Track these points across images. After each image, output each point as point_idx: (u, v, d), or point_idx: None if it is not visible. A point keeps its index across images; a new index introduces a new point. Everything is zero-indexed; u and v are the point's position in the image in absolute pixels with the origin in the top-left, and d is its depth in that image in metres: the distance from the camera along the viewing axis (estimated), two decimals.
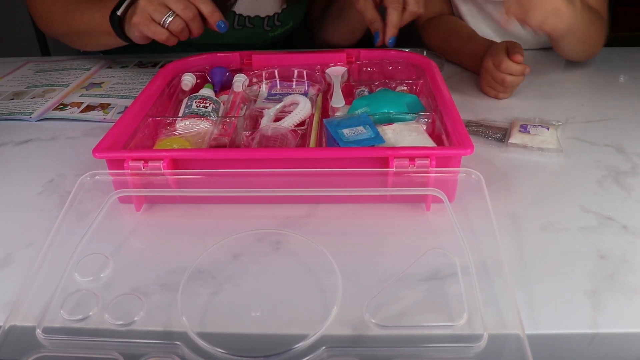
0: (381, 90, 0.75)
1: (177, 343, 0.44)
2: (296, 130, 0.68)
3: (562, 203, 0.61)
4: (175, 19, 0.76)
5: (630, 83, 0.92)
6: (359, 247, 0.55)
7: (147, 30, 0.77)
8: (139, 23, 0.77)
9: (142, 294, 0.49)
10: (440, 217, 0.58)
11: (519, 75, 0.81)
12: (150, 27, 0.77)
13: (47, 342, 0.45)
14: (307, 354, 0.43)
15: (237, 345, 0.45)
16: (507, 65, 0.80)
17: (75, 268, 0.51)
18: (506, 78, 0.81)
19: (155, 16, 0.76)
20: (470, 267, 0.49)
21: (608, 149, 0.71)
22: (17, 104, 0.88)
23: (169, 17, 0.76)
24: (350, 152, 0.60)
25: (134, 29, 0.79)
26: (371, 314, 0.46)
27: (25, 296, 0.49)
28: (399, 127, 0.65)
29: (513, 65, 0.80)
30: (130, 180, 0.58)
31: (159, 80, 0.77)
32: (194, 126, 0.69)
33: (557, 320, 0.46)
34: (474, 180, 0.57)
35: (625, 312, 0.47)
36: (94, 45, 0.95)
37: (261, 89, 0.81)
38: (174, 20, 0.76)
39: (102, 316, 0.47)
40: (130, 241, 0.57)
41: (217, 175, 0.58)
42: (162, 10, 0.76)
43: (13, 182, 0.68)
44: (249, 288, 0.50)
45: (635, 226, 0.57)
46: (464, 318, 0.45)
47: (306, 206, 0.60)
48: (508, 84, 0.82)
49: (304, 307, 0.48)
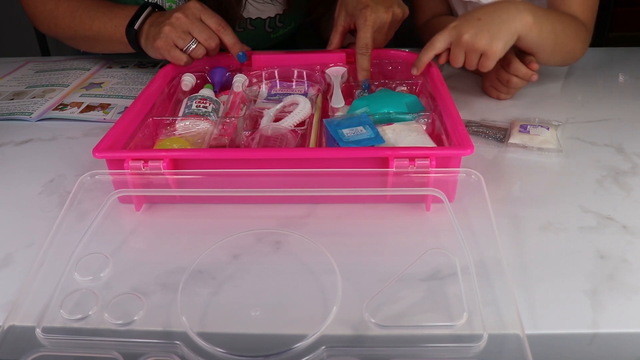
0: (381, 91, 0.75)
1: (176, 343, 0.44)
2: (296, 131, 0.68)
3: (562, 203, 0.61)
4: (198, 46, 0.77)
5: (630, 83, 0.92)
6: (358, 247, 0.55)
7: (169, 55, 0.78)
8: (161, 47, 0.77)
9: (142, 294, 0.49)
10: (440, 217, 0.58)
11: (525, 78, 0.81)
12: (172, 52, 0.77)
13: (47, 342, 0.45)
14: (307, 354, 0.43)
15: (237, 345, 0.45)
16: (516, 67, 0.80)
17: (75, 268, 0.51)
18: (512, 79, 0.81)
19: (179, 43, 0.77)
20: (470, 267, 0.49)
21: (608, 149, 0.71)
22: (17, 104, 0.88)
23: (192, 45, 0.77)
24: (350, 152, 0.60)
25: (154, 52, 0.79)
26: (371, 313, 0.46)
27: (24, 296, 0.49)
28: (398, 127, 0.65)
29: (522, 68, 0.80)
30: (130, 180, 0.58)
31: (158, 80, 0.77)
32: (194, 126, 0.69)
33: (557, 320, 0.46)
34: (473, 181, 0.57)
35: (624, 312, 0.47)
36: (101, 50, 0.95)
37: (261, 89, 0.81)
38: (196, 48, 0.77)
39: (101, 316, 0.47)
40: (130, 241, 0.57)
41: (217, 175, 0.58)
42: (185, 38, 0.77)
43: (13, 182, 0.68)
44: (249, 288, 0.50)
45: (634, 226, 0.57)
46: (463, 318, 0.45)
47: (306, 206, 0.60)
48: (513, 85, 0.81)
49: (303, 306, 0.48)
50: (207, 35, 0.77)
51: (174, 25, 0.76)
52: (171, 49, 0.77)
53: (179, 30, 0.76)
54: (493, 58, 0.74)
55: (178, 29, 0.76)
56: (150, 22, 0.81)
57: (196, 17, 0.77)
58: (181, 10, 0.77)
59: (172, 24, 0.76)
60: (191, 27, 0.77)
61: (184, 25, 0.76)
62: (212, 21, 0.78)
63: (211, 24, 0.78)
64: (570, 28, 0.82)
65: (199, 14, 0.78)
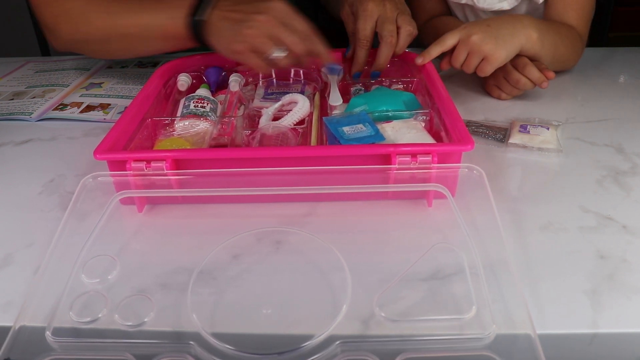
0: (378, 89, 0.75)
1: (190, 343, 0.44)
2: (296, 129, 0.68)
3: (562, 203, 0.61)
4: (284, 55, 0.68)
5: (630, 83, 0.92)
6: (363, 244, 0.56)
7: (250, 62, 0.69)
8: (241, 52, 0.68)
9: (151, 295, 0.49)
10: (443, 213, 0.59)
11: (536, 83, 0.81)
12: (254, 60, 0.68)
13: (57, 345, 0.45)
14: (320, 350, 0.43)
15: (250, 344, 0.45)
16: (530, 70, 0.80)
17: (82, 270, 0.51)
18: (521, 80, 0.81)
19: (262, 49, 0.67)
20: (477, 262, 0.49)
21: (608, 149, 0.71)
22: (17, 104, 0.88)
23: (278, 52, 0.68)
24: (353, 150, 0.60)
25: (229, 54, 0.70)
26: (381, 308, 0.46)
27: (32, 299, 0.48)
28: (397, 125, 0.65)
29: (536, 72, 0.80)
30: (132, 181, 0.58)
31: (155, 81, 0.77)
32: (193, 126, 0.69)
33: (557, 320, 0.46)
34: (475, 176, 0.57)
35: (624, 312, 0.47)
36: (141, 51, 0.82)
37: (258, 88, 0.81)
38: (283, 57, 0.68)
39: (111, 317, 0.47)
40: (134, 242, 0.57)
41: (220, 175, 0.58)
42: (270, 43, 0.67)
43: (13, 182, 0.68)
44: (258, 287, 0.50)
45: (634, 226, 0.57)
46: (472, 311, 0.46)
47: (309, 204, 0.61)
48: (521, 86, 0.82)
49: (314, 303, 0.48)
50: (295, 41, 0.67)
51: (257, 28, 0.66)
52: (252, 55, 0.68)
53: (262, 35, 0.66)
54: (493, 64, 0.78)
55: (262, 33, 0.66)
56: (220, 15, 0.70)
57: (282, 20, 0.67)
58: (266, 11, 0.67)
59: (254, 27, 0.66)
60: (277, 31, 0.66)
61: (269, 29, 0.66)
62: (300, 25, 0.68)
63: (299, 28, 0.68)
64: (568, 40, 0.88)
65: (285, 16, 0.67)
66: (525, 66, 0.80)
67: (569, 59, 0.92)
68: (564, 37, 0.87)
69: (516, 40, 0.78)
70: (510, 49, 0.78)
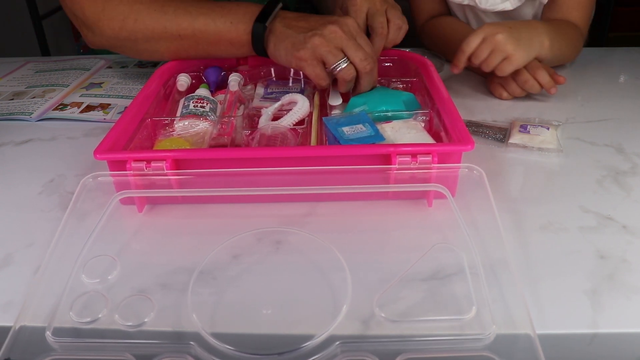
0: (378, 89, 0.75)
1: (190, 343, 0.44)
2: (296, 129, 0.68)
3: (562, 203, 0.61)
4: (348, 66, 0.67)
5: (630, 83, 0.92)
6: (363, 244, 0.56)
7: (312, 71, 0.68)
8: (306, 59, 0.67)
9: (151, 295, 0.49)
10: (443, 213, 0.59)
11: (545, 87, 0.82)
12: (316, 69, 0.68)
13: (57, 345, 0.45)
14: (321, 350, 0.43)
15: (250, 344, 0.45)
16: (541, 73, 0.81)
17: (82, 270, 0.51)
18: (529, 81, 0.81)
19: (328, 59, 0.67)
20: (477, 262, 0.49)
21: (608, 149, 0.71)
22: (17, 104, 0.88)
23: (342, 63, 0.67)
24: (353, 150, 0.60)
25: (292, 60, 0.69)
26: (381, 309, 0.46)
27: (32, 299, 0.48)
28: (397, 125, 0.65)
29: (546, 76, 0.81)
30: (132, 181, 0.58)
31: (155, 81, 0.77)
32: (192, 126, 0.69)
33: (557, 320, 0.46)
34: (475, 176, 0.57)
35: (624, 312, 0.47)
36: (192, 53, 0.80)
37: (257, 88, 0.81)
38: (347, 68, 0.67)
39: (111, 317, 0.47)
40: (134, 242, 0.57)
41: (220, 175, 0.58)
42: (337, 54, 0.66)
43: (13, 182, 0.68)
44: (258, 287, 0.50)
45: (634, 226, 0.57)
46: (472, 311, 0.46)
47: (308, 204, 0.60)
48: (528, 87, 0.82)
49: (314, 304, 0.48)
50: (363, 56, 0.67)
51: (326, 38, 0.66)
52: (317, 65, 0.67)
53: (331, 45, 0.66)
54: (514, 64, 0.79)
55: (330, 43, 0.66)
56: (286, 24, 0.70)
57: (352, 35, 0.67)
58: (336, 24, 0.67)
59: (324, 36, 0.66)
60: (346, 43, 0.66)
61: (338, 41, 0.66)
62: (366, 45, 0.69)
63: (365, 46, 0.68)
64: (573, 41, 0.91)
65: (355, 32, 0.68)
66: (537, 69, 0.81)
67: (570, 57, 0.94)
68: (569, 40, 0.89)
69: (534, 45, 0.81)
70: (530, 52, 0.80)
